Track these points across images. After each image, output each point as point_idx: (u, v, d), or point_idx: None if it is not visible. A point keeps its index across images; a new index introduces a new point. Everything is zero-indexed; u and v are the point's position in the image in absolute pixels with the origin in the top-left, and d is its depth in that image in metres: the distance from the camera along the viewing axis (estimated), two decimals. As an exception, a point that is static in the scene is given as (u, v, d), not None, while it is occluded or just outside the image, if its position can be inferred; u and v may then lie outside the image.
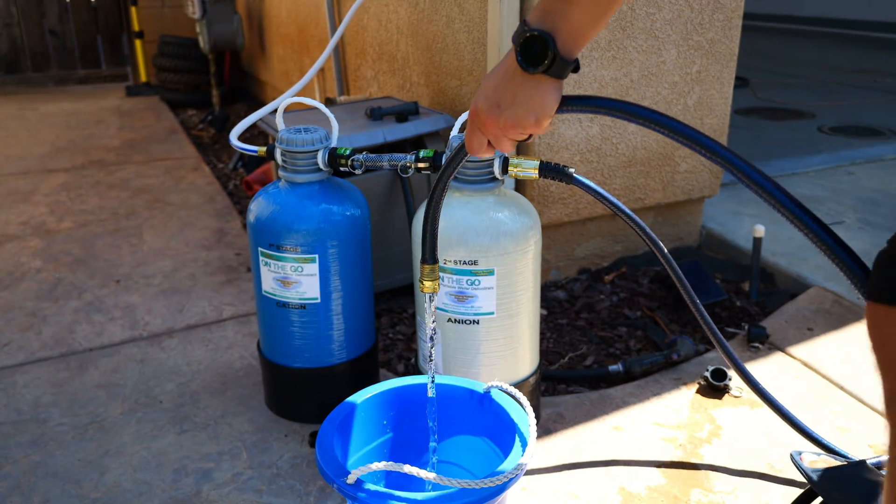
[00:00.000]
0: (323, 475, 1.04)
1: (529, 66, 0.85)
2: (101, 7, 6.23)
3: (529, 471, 1.44)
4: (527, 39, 0.84)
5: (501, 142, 0.92)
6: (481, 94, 0.90)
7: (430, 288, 1.12)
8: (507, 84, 0.88)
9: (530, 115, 0.87)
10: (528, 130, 0.89)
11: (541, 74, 0.85)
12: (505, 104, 0.88)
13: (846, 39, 8.22)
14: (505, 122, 0.88)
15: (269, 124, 2.05)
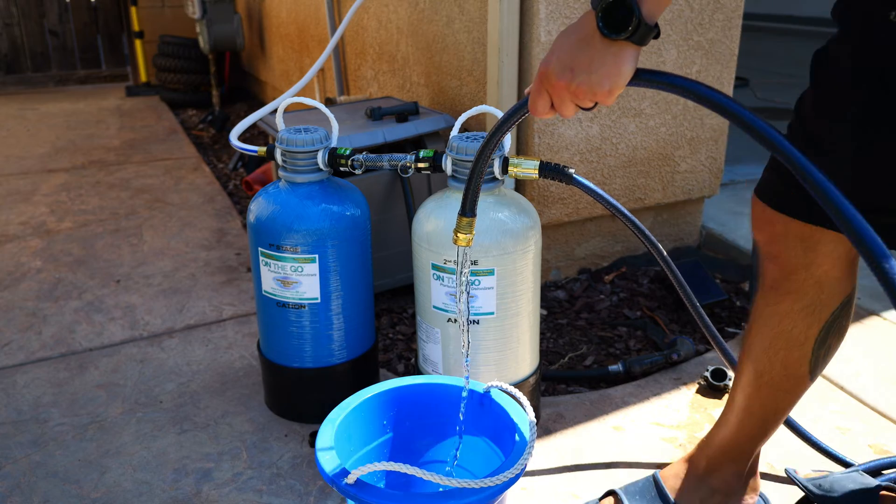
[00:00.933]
0: (323, 475, 1.04)
1: (612, 32, 0.81)
2: (101, 7, 6.23)
3: (529, 471, 1.44)
4: (610, 4, 0.80)
5: (566, 106, 0.88)
6: (554, 55, 0.87)
7: (465, 241, 1.08)
8: (583, 48, 0.84)
9: (605, 81, 0.84)
10: (599, 98, 0.86)
11: (623, 41, 0.82)
12: (580, 69, 0.84)
13: (846, 39, 8.20)
14: (577, 88, 0.85)
15: (269, 124, 2.05)
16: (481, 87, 2.13)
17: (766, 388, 1.15)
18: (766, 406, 1.17)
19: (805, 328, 1.07)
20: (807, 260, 1.02)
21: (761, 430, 1.21)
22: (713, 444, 1.27)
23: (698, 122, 2.27)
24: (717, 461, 1.26)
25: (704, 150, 2.33)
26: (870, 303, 2.08)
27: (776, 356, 1.11)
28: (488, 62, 2.03)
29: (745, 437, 1.22)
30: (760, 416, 1.19)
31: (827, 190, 0.70)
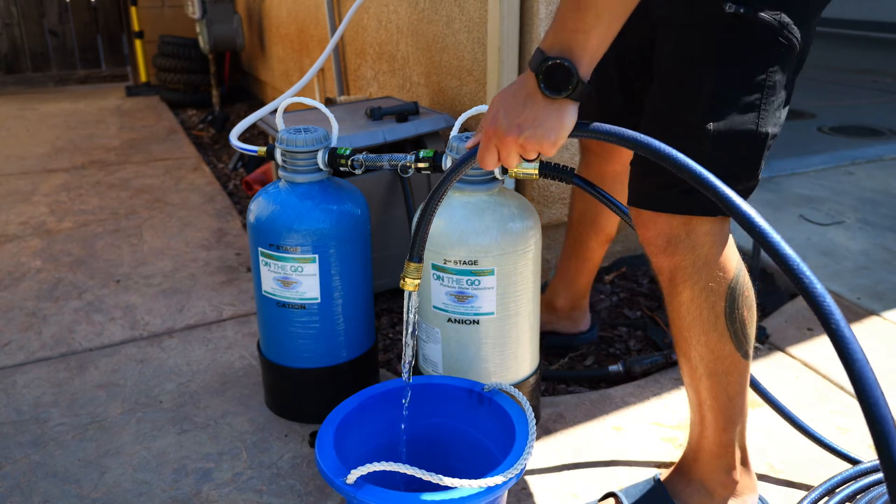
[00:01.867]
0: (323, 475, 1.04)
1: (554, 92, 0.90)
2: (101, 7, 6.23)
3: (529, 471, 1.44)
4: (549, 68, 0.89)
5: (513, 158, 0.96)
6: (499, 113, 0.94)
7: (413, 286, 1.11)
8: (528, 106, 0.92)
9: (550, 134, 0.92)
10: (544, 149, 0.94)
11: (563, 98, 0.90)
12: (526, 124, 0.92)
13: (846, 39, 8.22)
14: (525, 141, 0.93)
15: (269, 124, 2.05)
16: (481, 87, 2.13)
17: (707, 377, 1.19)
18: (716, 395, 1.20)
19: (710, 308, 1.13)
20: (690, 244, 1.11)
21: (726, 419, 1.22)
22: (693, 444, 1.29)
23: (698, 122, 2.27)
24: (702, 459, 1.27)
25: (704, 150, 2.33)
26: (870, 303, 2.08)
27: (699, 344, 1.16)
28: (488, 62, 2.03)
29: (715, 430, 1.24)
30: (716, 406, 1.21)
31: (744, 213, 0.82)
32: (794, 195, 2.97)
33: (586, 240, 1.75)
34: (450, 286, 1.36)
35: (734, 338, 1.15)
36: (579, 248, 1.77)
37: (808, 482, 1.40)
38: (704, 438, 1.26)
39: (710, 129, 1.02)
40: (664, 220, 1.10)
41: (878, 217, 2.74)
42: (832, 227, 2.65)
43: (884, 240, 2.53)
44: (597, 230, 1.73)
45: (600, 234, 1.74)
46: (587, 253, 1.77)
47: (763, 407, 1.62)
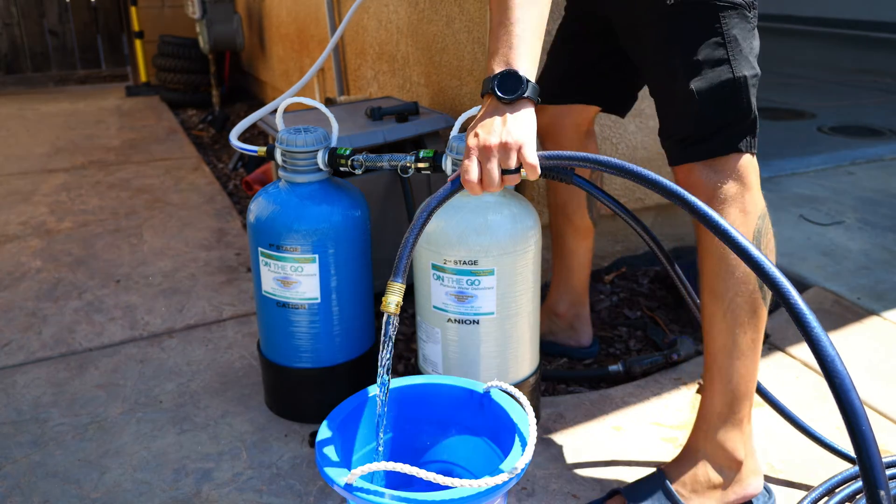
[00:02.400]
0: (323, 475, 1.04)
1: (511, 94, 1.06)
2: (101, 7, 6.23)
3: (529, 471, 1.44)
4: (501, 77, 1.07)
5: (494, 170, 1.07)
6: (477, 130, 1.08)
7: (396, 308, 1.06)
8: (494, 117, 1.08)
9: (519, 131, 1.06)
10: (523, 150, 1.06)
11: (520, 99, 1.07)
12: (498, 129, 1.07)
13: (846, 39, 8.22)
14: (503, 144, 1.06)
15: (269, 124, 2.05)
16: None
17: (731, 313, 1.24)
18: (735, 338, 1.25)
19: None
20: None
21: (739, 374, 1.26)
22: (702, 413, 1.31)
23: (698, 122, 2.27)
24: (710, 432, 1.29)
25: (704, 150, 2.33)
26: (870, 303, 2.08)
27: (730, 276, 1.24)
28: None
29: (727, 385, 1.27)
30: (734, 351, 1.26)
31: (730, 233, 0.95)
32: (794, 195, 2.97)
33: (565, 234, 1.77)
34: (450, 286, 1.36)
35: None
36: (562, 244, 1.79)
37: (808, 482, 1.41)
38: (715, 400, 1.28)
39: (693, 89, 1.18)
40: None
41: (878, 217, 2.74)
42: (832, 227, 2.65)
43: (884, 240, 2.53)
44: (571, 222, 1.75)
45: (571, 226, 1.76)
46: (568, 246, 1.78)
47: (763, 407, 1.62)
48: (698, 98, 1.18)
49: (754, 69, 1.20)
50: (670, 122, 1.27)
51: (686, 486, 1.29)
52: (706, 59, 1.18)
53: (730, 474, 1.29)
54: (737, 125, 1.20)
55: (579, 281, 1.83)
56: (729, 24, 1.18)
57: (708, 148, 1.21)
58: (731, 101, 1.19)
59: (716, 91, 1.18)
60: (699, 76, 1.18)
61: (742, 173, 1.21)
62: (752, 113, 1.20)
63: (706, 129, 1.20)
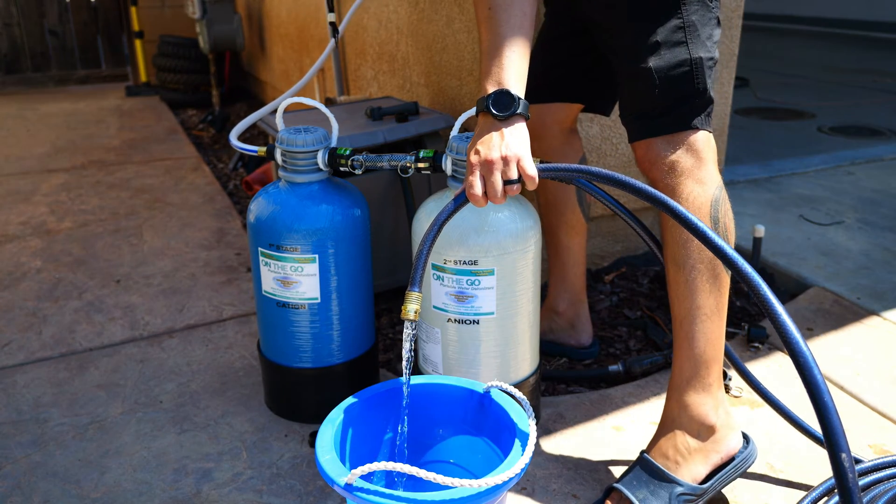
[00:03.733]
0: (323, 475, 1.04)
1: (504, 112, 1.16)
2: (101, 7, 6.23)
3: (529, 471, 1.44)
4: (494, 97, 1.17)
5: (497, 182, 1.15)
6: (477, 148, 1.17)
7: (414, 314, 1.12)
8: (492, 133, 1.16)
9: (516, 144, 1.16)
10: (522, 162, 1.15)
11: (513, 115, 1.16)
12: (496, 144, 1.15)
13: (846, 39, 8.22)
14: (504, 158, 1.14)
15: (269, 124, 2.05)
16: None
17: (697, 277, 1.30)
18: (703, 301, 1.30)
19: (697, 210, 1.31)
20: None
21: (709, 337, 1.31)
22: (677, 385, 1.34)
23: (698, 122, 2.27)
24: (685, 400, 1.33)
25: (704, 150, 2.33)
26: (870, 303, 2.08)
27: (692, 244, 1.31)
28: (488, 62, 2.02)
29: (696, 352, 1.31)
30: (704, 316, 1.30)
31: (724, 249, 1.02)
32: (794, 195, 2.97)
33: (556, 231, 1.78)
34: (450, 286, 1.36)
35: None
36: (555, 240, 1.80)
37: (808, 482, 1.41)
38: (683, 367, 1.32)
39: (651, 66, 1.27)
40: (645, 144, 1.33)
41: (878, 217, 2.74)
42: (832, 227, 2.65)
43: (884, 240, 2.53)
44: (559, 219, 1.77)
45: (563, 223, 1.77)
46: (562, 243, 1.79)
47: (763, 407, 1.62)
48: (656, 76, 1.26)
49: (710, 53, 1.29)
50: (631, 101, 1.35)
51: (669, 457, 1.32)
52: (665, 40, 1.26)
53: (707, 437, 1.32)
54: (691, 103, 1.28)
55: (576, 277, 1.83)
56: (689, 11, 1.27)
57: (664, 123, 1.29)
58: (686, 80, 1.27)
59: (672, 69, 1.26)
60: (657, 55, 1.27)
61: (697, 147, 1.29)
62: (707, 93, 1.28)
63: (663, 106, 1.28)
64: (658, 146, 1.30)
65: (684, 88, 1.27)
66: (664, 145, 1.29)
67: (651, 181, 1.33)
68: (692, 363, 1.31)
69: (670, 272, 1.32)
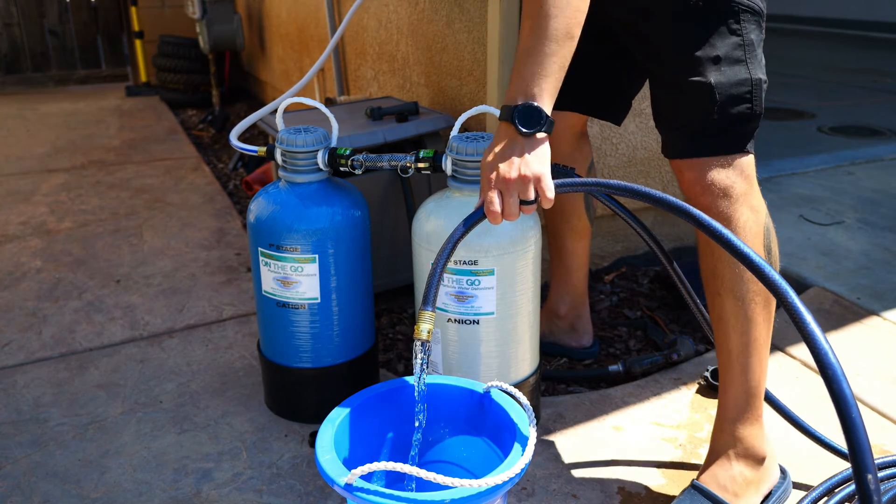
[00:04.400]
0: (323, 475, 1.04)
1: (531, 129, 1.09)
2: (101, 7, 6.23)
3: (529, 471, 1.44)
4: (520, 111, 1.10)
5: (513, 199, 1.12)
6: (494, 162, 1.12)
7: (427, 334, 1.06)
8: (514, 147, 1.11)
9: (538, 164, 1.11)
10: (540, 182, 1.11)
11: (538, 133, 1.10)
12: (516, 160, 1.11)
13: (846, 39, 8.22)
14: (521, 176, 1.10)
15: (269, 124, 2.05)
16: (481, 87, 2.13)
17: (751, 311, 1.27)
18: (758, 334, 1.27)
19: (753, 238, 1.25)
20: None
21: (758, 370, 1.29)
22: (729, 417, 1.31)
23: (698, 122, 2.27)
24: (739, 433, 1.31)
25: (704, 150, 2.33)
26: (870, 303, 2.08)
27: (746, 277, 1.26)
28: (488, 62, 2.02)
29: (747, 385, 1.29)
30: (755, 351, 1.28)
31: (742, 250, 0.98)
32: (794, 195, 2.97)
33: (561, 233, 1.77)
34: (450, 286, 1.36)
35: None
36: (559, 243, 1.79)
37: (809, 482, 1.41)
38: (737, 400, 1.30)
39: (713, 82, 1.20)
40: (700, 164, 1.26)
41: (878, 217, 2.74)
42: (832, 227, 2.65)
43: (884, 240, 2.53)
44: (565, 223, 1.75)
45: (568, 227, 1.76)
46: (567, 247, 1.78)
47: (763, 407, 1.62)
48: (717, 92, 1.20)
49: (765, 76, 1.25)
50: (677, 113, 1.28)
51: (727, 490, 1.30)
52: (726, 56, 1.21)
53: (758, 467, 1.32)
54: (747, 124, 1.23)
55: (578, 281, 1.83)
56: (748, 28, 1.22)
57: (721, 143, 1.23)
58: (746, 100, 1.22)
59: (734, 87, 1.21)
60: (718, 71, 1.21)
61: (749, 172, 1.24)
62: (760, 116, 1.25)
63: (720, 125, 1.22)
64: (711, 168, 1.23)
65: (743, 109, 1.22)
66: (717, 167, 1.23)
67: (700, 206, 1.24)
68: (746, 395, 1.29)
69: (726, 304, 1.27)
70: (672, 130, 1.29)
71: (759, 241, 1.25)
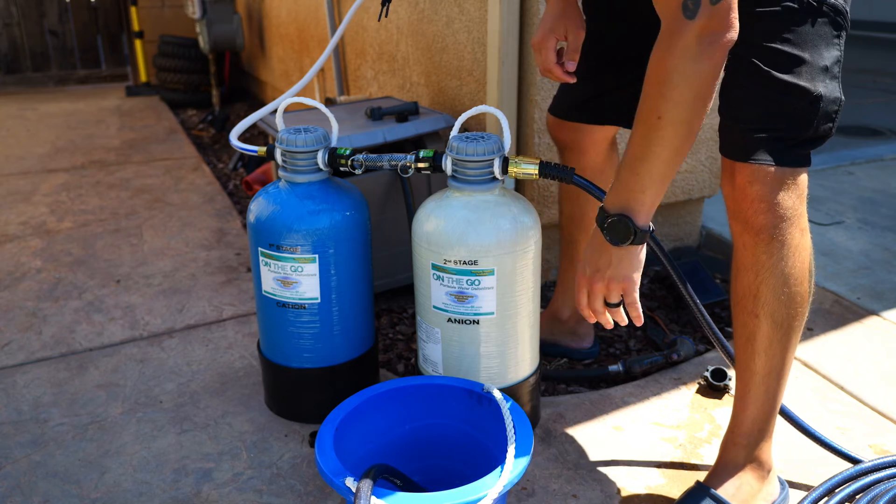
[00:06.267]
0: (323, 475, 1.04)
1: (618, 242, 1.11)
2: (101, 7, 6.23)
3: (529, 471, 1.44)
4: (610, 224, 1.11)
5: (599, 304, 1.18)
6: (585, 264, 1.18)
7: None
8: (602, 255, 1.15)
9: (625, 273, 1.14)
10: (626, 288, 1.15)
11: (628, 245, 1.11)
12: (604, 269, 1.15)
13: (846, 39, 8.20)
14: (608, 283, 1.15)
15: (269, 124, 2.05)
16: (481, 87, 2.14)
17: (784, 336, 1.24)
18: (784, 357, 1.25)
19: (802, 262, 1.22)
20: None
21: (778, 389, 1.29)
22: (746, 432, 1.31)
23: (698, 122, 2.27)
24: (754, 448, 1.31)
25: (704, 150, 2.33)
26: (870, 303, 2.08)
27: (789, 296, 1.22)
28: (488, 62, 2.03)
29: (769, 402, 1.28)
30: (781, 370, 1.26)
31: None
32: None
33: (577, 242, 1.75)
34: (450, 286, 1.36)
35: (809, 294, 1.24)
36: (573, 251, 1.78)
37: (809, 482, 1.41)
38: (758, 417, 1.29)
39: (822, 94, 1.12)
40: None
41: (878, 217, 2.74)
42: (832, 227, 2.65)
43: (884, 240, 2.53)
44: (585, 230, 1.73)
45: (586, 235, 1.71)
46: (580, 255, 1.75)
47: (763, 407, 1.62)
48: (822, 105, 1.12)
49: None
50: (770, 116, 1.14)
51: (736, 498, 1.29)
52: (829, 68, 1.13)
53: (765, 479, 1.32)
54: (822, 143, 1.16)
55: None
56: (841, 45, 1.15)
57: (802, 157, 1.15)
58: (832, 119, 1.15)
59: (830, 104, 1.13)
60: (824, 83, 1.12)
61: (803, 190, 1.18)
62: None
63: (809, 137, 1.14)
64: (783, 183, 1.14)
65: (828, 128, 1.15)
66: (779, 179, 1.13)
67: (755, 224, 1.16)
68: (766, 415, 1.29)
69: (763, 327, 1.22)
70: (751, 132, 1.14)
71: (806, 267, 1.20)
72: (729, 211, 1.20)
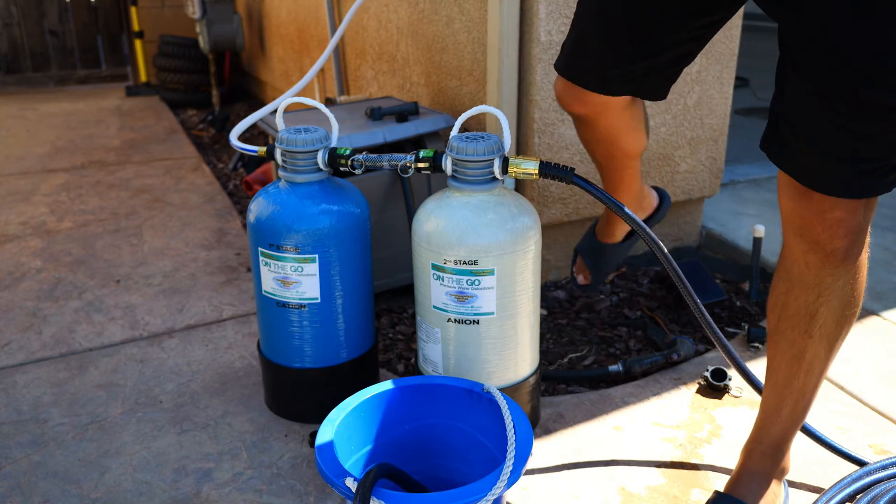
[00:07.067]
0: (322, 475, 1.04)
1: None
2: (101, 7, 6.23)
3: (529, 471, 1.44)
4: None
5: None
6: None
7: None
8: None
9: None
10: None
11: None
12: None
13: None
14: None
15: (269, 124, 2.05)
16: (481, 87, 2.14)
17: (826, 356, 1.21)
18: (819, 375, 1.23)
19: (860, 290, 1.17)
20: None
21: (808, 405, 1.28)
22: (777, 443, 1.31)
23: (698, 122, 2.28)
24: (782, 457, 1.32)
25: (704, 150, 2.33)
26: (870, 303, 2.08)
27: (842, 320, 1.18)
28: (488, 62, 2.03)
29: (797, 416, 1.28)
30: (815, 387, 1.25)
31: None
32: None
33: (614, 157, 1.42)
34: (450, 286, 1.36)
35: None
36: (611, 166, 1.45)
37: (808, 482, 1.41)
38: (789, 429, 1.29)
39: None
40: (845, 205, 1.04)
41: (878, 217, 2.74)
42: (832, 227, 2.64)
43: (884, 240, 2.53)
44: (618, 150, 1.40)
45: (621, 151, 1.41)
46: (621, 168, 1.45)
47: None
48: None
49: None
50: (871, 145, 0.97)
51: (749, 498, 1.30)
52: None
53: (781, 482, 1.35)
54: None
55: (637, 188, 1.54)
56: None
57: (887, 184, 1.02)
58: None
59: None
60: None
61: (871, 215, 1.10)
62: None
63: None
64: (858, 204, 1.03)
65: None
66: (864, 204, 1.04)
67: (815, 237, 1.06)
68: (797, 426, 1.30)
69: (817, 348, 1.17)
70: (840, 163, 0.99)
71: (861, 291, 1.15)
72: (792, 226, 1.09)
